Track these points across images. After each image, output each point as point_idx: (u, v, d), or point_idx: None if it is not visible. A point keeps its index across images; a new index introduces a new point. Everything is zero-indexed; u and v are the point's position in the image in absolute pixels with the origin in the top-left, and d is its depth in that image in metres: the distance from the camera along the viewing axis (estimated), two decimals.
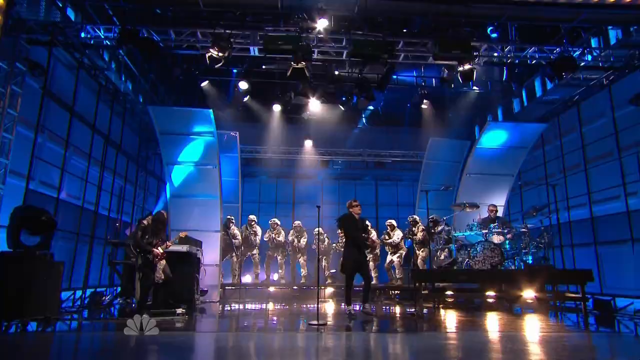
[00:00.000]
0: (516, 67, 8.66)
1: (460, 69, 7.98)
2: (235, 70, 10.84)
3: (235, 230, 10.10)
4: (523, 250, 7.87)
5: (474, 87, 10.94)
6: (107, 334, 5.10)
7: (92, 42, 7.66)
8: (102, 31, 7.62)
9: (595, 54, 8.10)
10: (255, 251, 10.39)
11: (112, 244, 8.36)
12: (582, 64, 7.97)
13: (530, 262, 7.76)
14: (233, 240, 9.95)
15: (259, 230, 10.48)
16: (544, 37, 8.47)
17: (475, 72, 8.12)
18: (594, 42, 8.39)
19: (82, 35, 7.53)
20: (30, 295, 5.16)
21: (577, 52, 7.98)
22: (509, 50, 8.17)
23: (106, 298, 8.20)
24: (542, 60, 8.10)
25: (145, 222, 6.34)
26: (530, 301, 6.98)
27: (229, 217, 10.12)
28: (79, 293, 7.78)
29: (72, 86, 7.73)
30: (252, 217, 10.59)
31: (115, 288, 8.66)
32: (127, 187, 10.25)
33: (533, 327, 5.68)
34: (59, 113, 7.54)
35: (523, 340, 4.66)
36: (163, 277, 6.10)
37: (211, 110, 9.12)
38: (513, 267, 7.79)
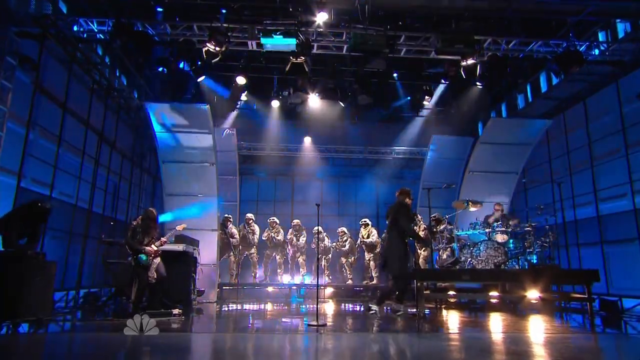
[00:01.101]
0: (521, 62, 8.61)
1: (464, 63, 7.95)
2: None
3: (233, 229, 10.09)
4: (527, 250, 7.84)
5: (477, 83, 10.91)
6: (101, 335, 5.08)
7: (85, 35, 7.62)
8: (95, 24, 7.57)
9: (602, 48, 8.06)
10: (253, 250, 10.38)
11: (107, 243, 8.33)
12: (589, 58, 7.93)
13: (534, 261, 7.74)
14: (231, 240, 9.93)
15: (257, 229, 10.46)
16: (550, 31, 8.42)
17: (478, 67, 8.09)
18: (601, 36, 8.34)
19: (75, 28, 7.47)
20: (22, 296, 5.13)
21: (584, 47, 7.93)
22: (513, 44, 8.13)
23: (101, 298, 8.18)
24: (547, 55, 8.06)
25: (135, 222, 6.31)
26: (535, 302, 6.96)
27: (226, 215, 10.10)
28: (72, 293, 7.76)
29: (65, 81, 7.69)
30: (249, 215, 10.57)
31: (109, 288, 8.64)
32: (122, 185, 10.22)
33: (537, 328, 5.67)
34: (51, 109, 7.50)
35: (527, 342, 4.64)
36: (156, 277, 6.06)
37: (208, 106, 9.09)
38: (517, 267, 7.77)
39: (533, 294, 6.70)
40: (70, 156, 8.24)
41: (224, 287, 9.82)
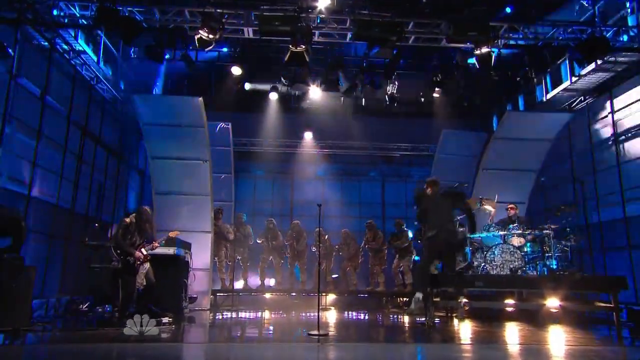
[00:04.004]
0: (540, 50, 8.52)
1: (477, 52, 7.88)
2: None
3: (224, 224, 10.06)
4: (546, 254, 7.77)
5: (492, 73, 10.85)
6: (84, 346, 5.03)
7: (65, 20, 7.57)
8: (77, 8, 7.52)
9: (632, 33, 7.93)
10: (245, 254, 10.36)
11: (91, 246, 8.28)
12: (617, 45, 7.83)
13: (554, 267, 7.68)
14: (227, 235, 9.93)
15: (251, 230, 10.45)
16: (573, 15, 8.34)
17: (493, 56, 8.02)
18: (630, 20, 8.21)
19: (55, 12, 7.42)
20: None
21: (611, 32, 7.83)
22: (532, 31, 8.05)
23: (84, 306, 8.14)
24: (569, 42, 7.98)
25: (128, 220, 6.23)
26: (555, 311, 6.89)
27: (217, 208, 10.07)
28: (52, 301, 7.71)
29: (44, 70, 7.62)
30: (242, 215, 10.59)
31: (93, 296, 8.60)
32: (107, 183, 10.17)
33: (558, 340, 5.61)
34: (30, 101, 7.44)
35: (547, 354, 4.59)
36: (145, 283, 6.02)
37: (200, 99, 9.04)
38: (535, 273, 7.70)
39: (553, 303, 6.64)
40: (50, 152, 8.18)
41: (217, 294, 9.79)
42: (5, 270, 5.27)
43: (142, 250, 6.06)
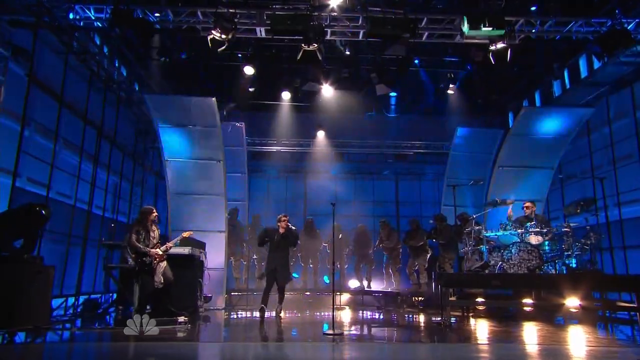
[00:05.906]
0: (558, 44, 8.37)
1: (493, 48, 7.78)
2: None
3: (240, 223, 10.14)
4: (565, 253, 7.65)
5: (508, 69, 10.69)
6: (102, 344, 5.13)
7: (81, 23, 7.67)
8: (92, 11, 7.62)
9: None
10: (261, 254, 10.42)
11: (107, 246, 8.43)
12: (639, 37, 7.64)
13: (573, 265, 7.55)
14: (243, 234, 10.02)
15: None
16: (592, 8, 8.15)
17: (510, 51, 7.90)
18: None
19: (71, 16, 7.53)
20: (18, 303, 5.21)
21: (632, 24, 7.62)
22: (549, 25, 7.91)
23: (101, 305, 8.29)
24: (589, 36, 7.82)
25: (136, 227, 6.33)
26: (575, 310, 6.79)
27: (233, 208, 10.14)
28: (71, 300, 7.87)
29: (61, 73, 7.77)
30: (256, 215, 10.66)
31: (111, 294, 8.75)
32: (123, 184, 10.32)
33: (578, 340, 5.51)
34: (47, 103, 7.59)
35: (566, 355, 4.52)
36: (163, 282, 6.10)
37: (214, 99, 9.10)
38: (554, 272, 7.59)
39: (572, 302, 6.53)
40: (67, 154, 8.35)
41: (232, 293, 9.86)
42: (25, 270, 5.40)
43: (158, 250, 6.15)
